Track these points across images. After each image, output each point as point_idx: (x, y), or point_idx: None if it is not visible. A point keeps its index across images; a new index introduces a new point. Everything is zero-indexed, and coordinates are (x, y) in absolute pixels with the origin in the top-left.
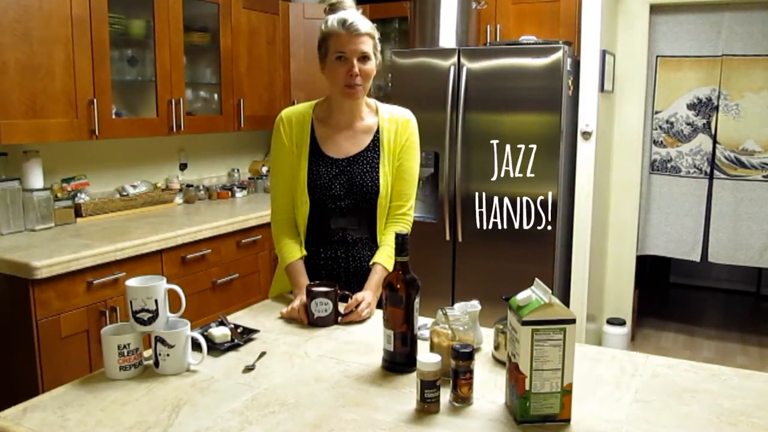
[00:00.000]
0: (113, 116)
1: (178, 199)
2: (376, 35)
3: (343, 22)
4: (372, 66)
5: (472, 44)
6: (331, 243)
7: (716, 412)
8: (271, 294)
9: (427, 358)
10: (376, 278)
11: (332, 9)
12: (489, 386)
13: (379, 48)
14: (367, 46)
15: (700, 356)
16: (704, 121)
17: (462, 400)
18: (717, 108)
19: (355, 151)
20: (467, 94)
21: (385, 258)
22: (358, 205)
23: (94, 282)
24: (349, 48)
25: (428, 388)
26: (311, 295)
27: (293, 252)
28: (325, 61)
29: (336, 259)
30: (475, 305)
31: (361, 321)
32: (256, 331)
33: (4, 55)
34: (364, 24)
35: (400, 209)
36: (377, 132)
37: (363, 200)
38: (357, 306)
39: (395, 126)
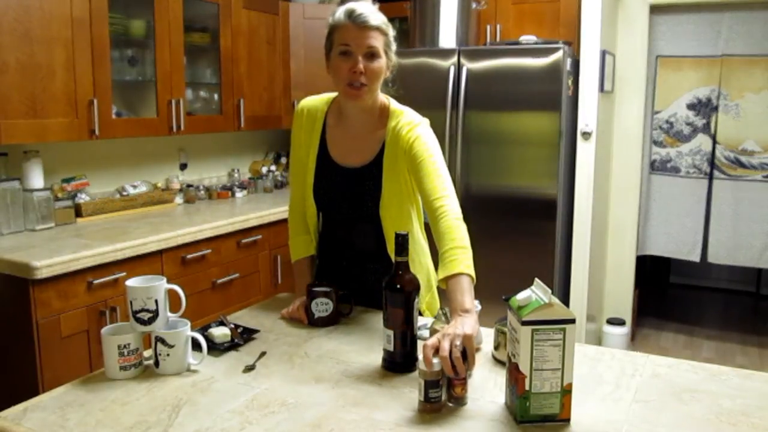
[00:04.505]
0: (113, 116)
1: (178, 199)
2: (390, 32)
3: (350, 13)
4: (380, 65)
5: (472, 44)
6: (336, 251)
7: (716, 412)
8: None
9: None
10: (463, 298)
11: (344, 0)
12: (489, 386)
13: (392, 47)
14: (376, 41)
15: (700, 356)
16: (704, 121)
17: (456, 400)
18: (717, 108)
19: (360, 163)
20: (467, 94)
21: (462, 265)
22: (361, 217)
23: (94, 282)
24: (354, 41)
25: (432, 387)
26: (311, 295)
27: (299, 250)
28: (330, 57)
29: (341, 268)
30: (475, 305)
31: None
32: (256, 331)
33: (4, 55)
34: (375, 17)
35: (434, 204)
36: (383, 146)
37: (366, 214)
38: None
39: (396, 140)
